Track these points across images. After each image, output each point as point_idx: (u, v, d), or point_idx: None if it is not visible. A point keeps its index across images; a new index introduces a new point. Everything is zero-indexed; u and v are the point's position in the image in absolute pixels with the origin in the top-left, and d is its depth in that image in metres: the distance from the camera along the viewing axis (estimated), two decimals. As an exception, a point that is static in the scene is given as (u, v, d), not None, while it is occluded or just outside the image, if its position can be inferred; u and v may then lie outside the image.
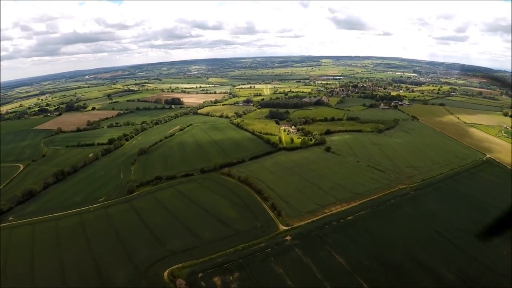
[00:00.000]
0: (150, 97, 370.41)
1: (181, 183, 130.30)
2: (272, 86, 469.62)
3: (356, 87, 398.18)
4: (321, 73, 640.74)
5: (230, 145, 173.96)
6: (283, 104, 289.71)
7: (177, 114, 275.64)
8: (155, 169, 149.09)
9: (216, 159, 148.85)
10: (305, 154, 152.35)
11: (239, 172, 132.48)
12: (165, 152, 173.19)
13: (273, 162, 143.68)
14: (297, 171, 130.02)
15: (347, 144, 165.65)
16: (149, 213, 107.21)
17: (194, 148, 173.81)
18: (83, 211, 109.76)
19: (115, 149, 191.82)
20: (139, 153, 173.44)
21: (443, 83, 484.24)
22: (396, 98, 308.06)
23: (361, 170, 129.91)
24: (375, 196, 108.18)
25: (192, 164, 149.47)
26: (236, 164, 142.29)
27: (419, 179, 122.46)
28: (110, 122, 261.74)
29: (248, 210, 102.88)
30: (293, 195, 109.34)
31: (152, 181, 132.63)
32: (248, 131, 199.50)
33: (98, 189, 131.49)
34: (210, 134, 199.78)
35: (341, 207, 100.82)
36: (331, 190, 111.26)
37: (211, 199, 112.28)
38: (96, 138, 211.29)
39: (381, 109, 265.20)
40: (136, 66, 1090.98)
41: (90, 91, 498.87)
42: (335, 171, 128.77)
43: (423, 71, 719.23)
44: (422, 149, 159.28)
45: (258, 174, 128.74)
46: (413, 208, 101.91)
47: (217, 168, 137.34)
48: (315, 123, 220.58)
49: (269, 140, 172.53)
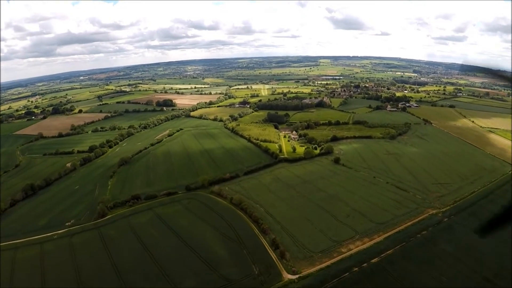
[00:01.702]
0: (141, 99, 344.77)
1: (162, 204, 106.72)
2: (270, 86, 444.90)
3: (358, 88, 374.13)
4: (319, 73, 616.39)
5: (222, 155, 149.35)
6: (282, 106, 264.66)
7: (167, 117, 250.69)
8: (134, 184, 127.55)
9: (205, 173, 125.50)
10: (311, 167, 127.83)
11: (232, 190, 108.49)
12: (148, 163, 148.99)
13: (273, 177, 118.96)
14: (303, 191, 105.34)
15: (358, 153, 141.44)
16: (118, 246, 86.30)
17: (181, 159, 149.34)
18: (46, 238, 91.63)
19: (95, 157, 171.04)
20: (120, 163, 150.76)
21: (445, 83, 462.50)
22: (403, 99, 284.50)
23: (380, 189, 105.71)
24: (402, 226, 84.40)
25: (178, 179, 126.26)
26: (229, 179, 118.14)
27: (450, 201, 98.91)
28: (95, 127, 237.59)
29: (242, 246, 78.75)
30: (299, 225, 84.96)
31: (129, 201, 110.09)
32: (244, 137, 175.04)
33: (68, 209, 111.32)
34: (201, 141, 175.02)
35: (362, 244, 76.82)
36: (348, 218, 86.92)
37: (195, 229, 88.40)
38: (77, 145, 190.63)
39: (388, 112, 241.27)
40: (132, 66, 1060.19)
41: (82, 93, 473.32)
42: (349, 191, 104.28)
43: (423, 71, 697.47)
44: (443, 159, 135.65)
45: (255, 194, 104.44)
46: (451, 244, 78.08)
47: (205, 185, 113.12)
48: (318, 127, 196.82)
49: (268, 149, 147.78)
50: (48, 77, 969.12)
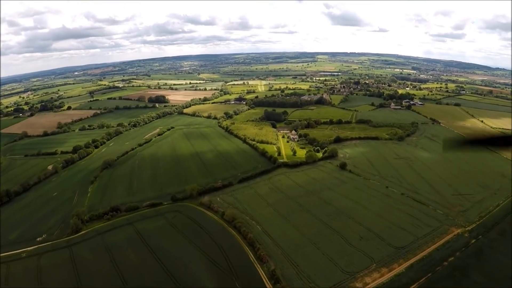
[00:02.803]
0: (133, 95, 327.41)
1: (143, 218, 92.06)
2: (267, 82, 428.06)
3: (358, 84, 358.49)
4: (317, 69, 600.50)
5: (215, 158, 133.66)
6: (280, 103, 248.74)
7: (159, 115, 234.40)
8: (116, 192, 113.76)
9: (195, 179, 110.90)
10: (314, 173, 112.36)
11: (224, 202, 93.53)
12: (133, 167, 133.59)
13: (271, 186, 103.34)
14: (306, 204, 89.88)
15: (366, 157, 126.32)
16: (90, 271, 72.49)
17: (169, 162, 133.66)
18: (14, 256, 79.69)
19: (79, 159, 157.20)
20: (103, 166, 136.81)
21: (446, 81, 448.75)
22: (406, 97, 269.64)
23: (395, 203, 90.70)
24: (425, 251, 69.67)
25: (164, 187, 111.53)
26: (221, 188, 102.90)
27: (475, 217, 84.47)
28: (83, 125, 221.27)
29: (234, 278, 63.85)
30: (304, 251, 69.59)
31: (107, 214, 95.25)
32: (239, 137, 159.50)
33: (42, 220, 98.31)
34: (193, 141, 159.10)
35: (381, 277, 62.02)
36: (361, 241, 71.66)
37: (180, 253, 73.44)
38: (62, 145, 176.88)
39: (393, 110, 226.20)
40: (128, 62, 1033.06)
41: (74, 88, 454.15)
42: (360, 204, 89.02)
43: (422, 68, 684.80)
44: (460, 165, 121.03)
45: (251, 208, 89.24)
46: (484, 274, 63.87)
47: (194, 195, 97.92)
48: (319, 126, 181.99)
49: (265, 152, 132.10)
50: (44, 73, 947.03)
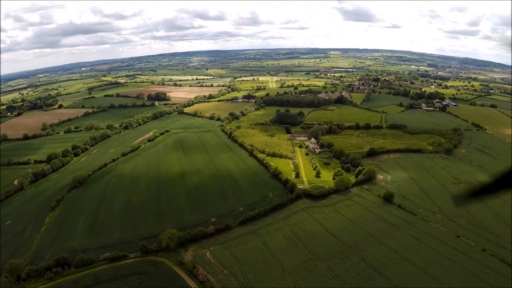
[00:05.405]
0: (132, 92, 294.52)
1: (96, 281, 59.18)
2: (279, 78, 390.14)
3: (378, 81, 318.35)
4: (331, 65, 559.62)
5: (210, 180, 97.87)
6: (294, 102, 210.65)
7: (155, 115, 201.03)
8: (75, 228, 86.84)
9: (180, 213, 78.52)
10: (349, 210, 76.44)
11: (217, 262, 59.65)
12: (107, 188, 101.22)
13: (288, 233, 67.73)
14: (346, 275, 54.57)
15: (415, 183, 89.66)
16: None
17: (152, 183, 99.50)
18: None
19: (52, 171, 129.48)
20: (72, 185, 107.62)
21: (465, 78, 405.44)
22: (436, 96, 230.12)
23: (477, 266, 54.94)
24: None
25: (137, 223, 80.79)
26: (213, 235, 68.60)
27: None
28: (69, 126, 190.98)
29: None
30: None
31: (51, 269, 63.16)
32: (245, 148, 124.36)
33: None
34: (186, 153, 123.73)
35: None
36: None
37: None
38: (37, 152, 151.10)
39: (425, 112, 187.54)
40: (137, 58, 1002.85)
41: (74, 85, 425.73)
42: (427, 274, 52.99)
43: (438, 65, 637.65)
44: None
45: (257, 278, 54.76)
46: None
47: (172, 247, 64.06)
48: (343, 131, 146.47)
49: (279, 173, 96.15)
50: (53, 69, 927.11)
